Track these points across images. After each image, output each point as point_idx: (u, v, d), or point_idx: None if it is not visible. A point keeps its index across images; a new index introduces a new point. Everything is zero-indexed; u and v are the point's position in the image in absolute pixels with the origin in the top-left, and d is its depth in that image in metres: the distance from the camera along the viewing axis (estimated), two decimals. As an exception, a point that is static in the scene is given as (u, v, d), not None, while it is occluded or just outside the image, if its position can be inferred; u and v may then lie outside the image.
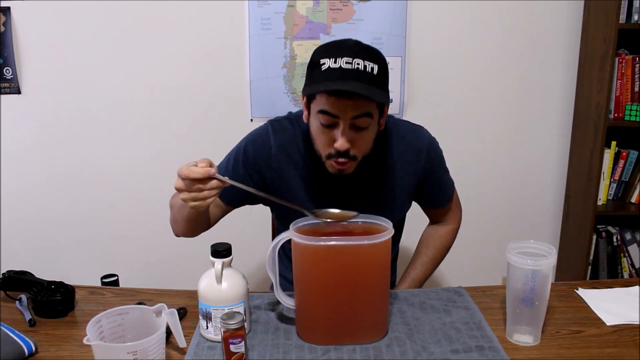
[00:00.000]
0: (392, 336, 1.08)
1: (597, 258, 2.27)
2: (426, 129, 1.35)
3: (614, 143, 2.17)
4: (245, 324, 0.98)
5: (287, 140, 1.28)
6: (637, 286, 1.28)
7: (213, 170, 1.02)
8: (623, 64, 2.10)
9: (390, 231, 1.04)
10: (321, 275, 1.04)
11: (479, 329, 1.10)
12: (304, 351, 1.04)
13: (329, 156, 1.16)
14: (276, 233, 1.52)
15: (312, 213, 1.11)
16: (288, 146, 1.28)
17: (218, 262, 1.03)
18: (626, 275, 2.29)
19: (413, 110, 2.26)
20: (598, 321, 1.14)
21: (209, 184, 1.02)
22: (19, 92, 2.16)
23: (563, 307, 1.20)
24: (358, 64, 1.07)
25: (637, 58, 2.11)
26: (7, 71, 2.13)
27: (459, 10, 2.19)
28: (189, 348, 1.04)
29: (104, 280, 1.75)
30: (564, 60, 2.28)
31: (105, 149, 2.25)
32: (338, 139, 1.11)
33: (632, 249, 2.29)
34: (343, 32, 2.15)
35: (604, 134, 2.08)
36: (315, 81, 1.10)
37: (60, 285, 1.19)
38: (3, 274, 1.24)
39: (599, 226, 2.28)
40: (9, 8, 2.08)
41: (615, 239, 2.27)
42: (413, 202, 1.40)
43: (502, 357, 1.01)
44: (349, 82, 1.06)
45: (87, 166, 2.26)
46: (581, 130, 2.25)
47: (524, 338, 1.07)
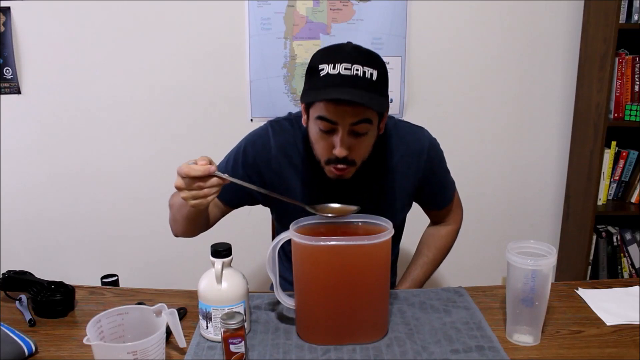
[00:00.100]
0: (392, 336, 1.08)
1: (597, 258, 2.27)
2: (427, 130, 1.34)
3: (614, 143, 2.17)
4: (245, 324, 0.98)
5: (287, 141, 1.27)
6: (637, 286, 1.28)
7: (213, 167, 1.01)
8: (623, 64, 2.10)
9: (390, 231, 1.04)
10: (321, 275, 1.04)
11: (479, 329, 1.10)
12: (304, 351, 1.04)
13: (328, 162, 1.15)
14: (276, 234, 1.52)
15: (313, 208, 1.11)
16: (288, 147, 1.27)
17: (218, 262, 1.03)
18: (626, 275, 2.29)
19: (413, 110, 2.26)
20: (598, 321, 1.14)
21: (209, 182, 1.02)
22: (19, 92, 2.16)
23: (563, 307, 1.20)
24: (357, 70, 1.05)
25: (637, 58, 2.11)
26: (7, 71, 2.13)
27: (459, 10, 2.19)
28: (189, 348, 1.04)
29: (104, 280, 1.75)
30: (564, 60, 2.28)
31: (105, 149, 2.25)
32: (337, 146, 1.10)
33: (632, 249, 2.29)
34: (343, 32, 2.15)
35: (604, 134, 2.08)
36: (314, 87, 1.09)
37: (60, 285, 1.19)
38: (3, 274, 1.24)
39: (599, 226, 2.28)
40: (9, 8, 2.08)
41: (615, 239, 2.27)
42: (413, 203, 1.39)
43: (502, 357, 1.01)
44: (348, 89, 1.05)
45: (87, 166, 2.26)
46: (581, 130, 2.25)
47: (524, 338, 1.07)
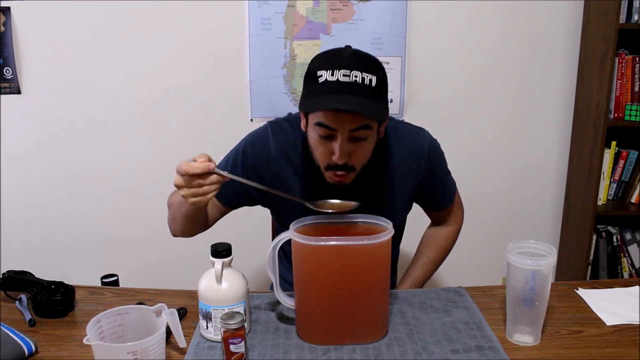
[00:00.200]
0: (392, 336, 1.08)
1: (597, 258, 2.27)
2: (427, 131, 1.33)
3: (614, 143, 2.17)
4: (245, 324, 0.98)
5: (287, 142, 1.26)
6: (637, 286, 1.28)
7: (212, 165, 1.01)
8: (623, 64, 2.10)
9: (390, 231, 1.04)
10: (321, 275, 1.04)
11: (479, 329, 1.10)
12: (304, 351, 1.04)
13: (328, 167, 1.15)
14: (276, 234, 1.52)
15: (312, 204, 1.11)
16: (287, 149, 1.26)
17: (218, 262, 1.03)
18: (626, 275, 2.29)
19: (413, 110, 2.26)
20: (598, 321, 1.14)
21: (209, 179, 1.02)
22: (19, 92, 2.16)
23: (563, 307, 1.20)
24: (356, 77, 1.04)
25: (637, 58, 2.11)
26: (7, 71, 2.13)
27: (459, 10, 2.19)
28: (189, 348, 1.04)
29: (104, 280, 1.75)
30: (564, 60, 2.28)
31: (105, 149, 2.25)
32: (336, 152, 1.09)
33: (632, 249, 2.29)
34: (343, 32, 2.15)
35: (604, 134, 2.08)
36: (312, 94, 1.08)
37: (60, 285, 1.19)
38: (3, 274, 1.24)
39: (599, 226, 2.28)
40: (9, 8, 2.08)
41: (615, 239, 2.27)
42: (414, 204, 1.39)
43: (502, 357, 1.01)
44: (347, 97, 1.03)
45: (87, 166, 2.26)
46: (581, 130, 2.25)
47: (524, 338, 1.07)
